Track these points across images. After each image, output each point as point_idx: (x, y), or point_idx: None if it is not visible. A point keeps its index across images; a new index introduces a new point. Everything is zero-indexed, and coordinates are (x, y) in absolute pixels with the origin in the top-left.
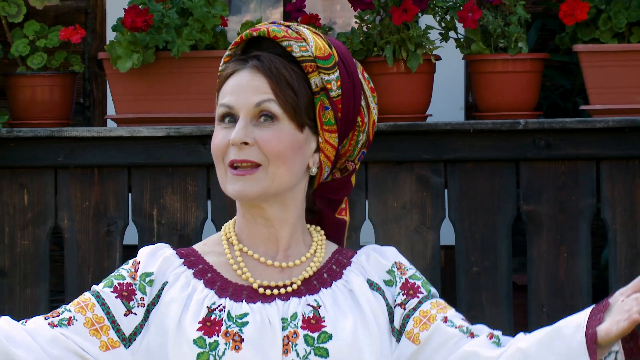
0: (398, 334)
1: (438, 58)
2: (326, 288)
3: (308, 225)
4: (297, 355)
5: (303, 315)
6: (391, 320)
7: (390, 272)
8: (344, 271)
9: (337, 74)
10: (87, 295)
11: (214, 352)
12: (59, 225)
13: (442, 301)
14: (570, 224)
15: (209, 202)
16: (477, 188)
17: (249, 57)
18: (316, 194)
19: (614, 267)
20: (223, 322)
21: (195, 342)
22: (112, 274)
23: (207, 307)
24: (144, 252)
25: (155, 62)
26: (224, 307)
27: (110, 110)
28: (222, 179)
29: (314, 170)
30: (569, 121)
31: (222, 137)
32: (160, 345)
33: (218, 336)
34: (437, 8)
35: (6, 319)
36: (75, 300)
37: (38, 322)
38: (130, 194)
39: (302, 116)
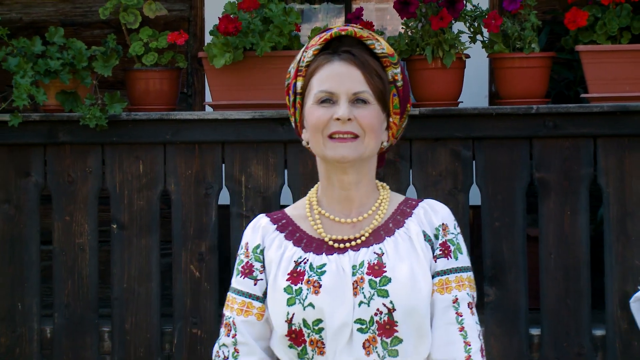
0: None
1: (467, 56)
2: (390, 236)
3: (377, 182)
4: (364, 296)
5: (369, 263)
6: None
7: (437, 229)
8: (405, 220)
9: (399, 68)
10: (228, 294)
11: (299, 297)
12: (167, 189)
13: (465, 277)
14: (573, 188)
15: (285, 171)
16: (499, 160)
17: (341, 51)
18: None
19: (607, 222)
20: (306, 272)
21: (285, 289)
22: (235, 266)
23: (295, 261)
24: (247, 232)
25: (243, 60)
26: (307, 260)
27: (208, 98)
28: (321, 147)
29: (385, 145)
30: (572, 106)
31: (323, 113)
32: None
33: (302, 284)
34: (467, 16)
35: None
36: (225, 305)
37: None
38: (223, 165)
39: (386, 101)
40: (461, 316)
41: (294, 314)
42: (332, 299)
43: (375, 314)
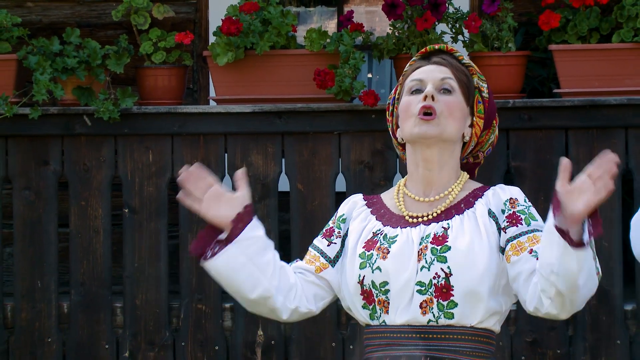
0: (502, 250)
1: None
2: (459, 215)
3: (462, 173)
4: (426, 262)
5: (434, 234)
6: (499, 240)
7: (504, 204)
8: (475, 202)
9: (486, 86)
10: (308, 249)
11: (370, 261)
12: (175, 176)
13: (539, 235)
14: (546, 176)
15: (283, 160)
16: None
17: (432, 58)
18: None
19: None
20: (379, 241)
21: (360, 255)
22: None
23: (373, 232)
24: (342, 204)
25: (244, 58)
26: (383, 232)
27: (212, 93)
28: (410, 128)
29: (467, 138)
30: (545, 101)
31: (413, 98)
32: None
33: (373, 250)
34: (449, 18)
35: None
36: None
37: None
38: (226, 154)
39: (469, 94)
40: None
41: (364, 276)
42: (398, 264)
43: (434, 277)
